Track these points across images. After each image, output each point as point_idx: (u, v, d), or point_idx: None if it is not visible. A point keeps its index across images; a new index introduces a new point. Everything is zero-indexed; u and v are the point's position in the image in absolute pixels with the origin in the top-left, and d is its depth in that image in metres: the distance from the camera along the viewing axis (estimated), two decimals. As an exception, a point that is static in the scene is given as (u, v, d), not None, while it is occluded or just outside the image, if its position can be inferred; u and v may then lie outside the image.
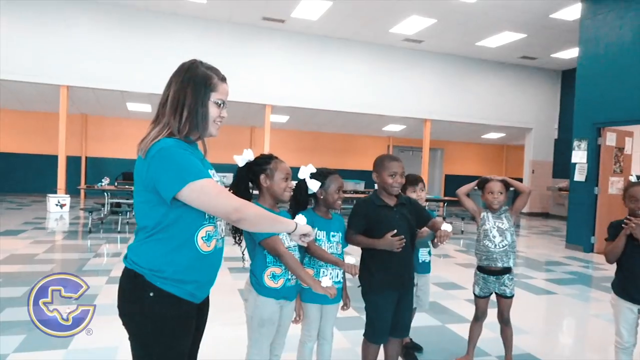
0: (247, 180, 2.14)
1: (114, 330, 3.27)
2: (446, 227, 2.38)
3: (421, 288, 3.22)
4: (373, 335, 2.52)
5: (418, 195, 3.18)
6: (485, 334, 3.20)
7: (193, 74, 1.54)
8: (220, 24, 11.03)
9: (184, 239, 1.48)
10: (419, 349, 3.31)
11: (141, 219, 1.51)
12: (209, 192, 1.42)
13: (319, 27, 11.17)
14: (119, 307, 1.52)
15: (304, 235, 1.70)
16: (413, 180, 3.24)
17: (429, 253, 3.28)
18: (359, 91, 12.20)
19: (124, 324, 1.52)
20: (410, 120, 13.29)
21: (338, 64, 12.03)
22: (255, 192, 2.20)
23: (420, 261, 3.19)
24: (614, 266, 2.73)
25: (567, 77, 13.92)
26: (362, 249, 2.55)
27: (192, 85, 1.52)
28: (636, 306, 2.60)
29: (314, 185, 2.32)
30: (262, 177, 2.11)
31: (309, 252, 2.30)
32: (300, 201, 2.34)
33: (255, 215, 1.49)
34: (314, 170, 2.40)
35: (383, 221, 2.42)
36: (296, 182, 2.37)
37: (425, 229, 2.85)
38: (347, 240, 2.47)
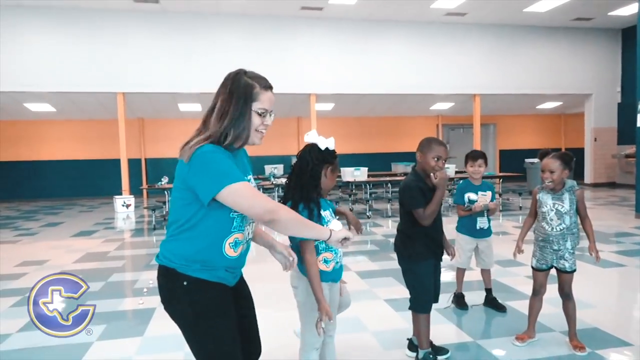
0: (307, 169, 2.09)
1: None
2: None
3: (484, 250, 3.64)
4: (422, 306, 2.59)
5: (475, 170, 3.59)
6: (547, 309, 3.13)
7: (236, 84, 1.57)
8: (260, 18, 11.18)
9: (211, 241, 1.56)
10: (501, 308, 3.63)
11: (174, 213, 1.59)
12: (245, 194, 1.48)
13: (357, 11, 11.05)
14: (163, 302, 1.63)
15: (344, 239, 1.71)
16: (474, 156, 3.63)
17: (488, 220, 3.62)
18: (402, 72, 11.99)
19: (170, 316, 1.63)
20: (458, 96, 12.90)
21: (380, 46, 11.86)
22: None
23: (478, 228, 3.58)
24: None
25: (629, 35, 12.91)
26: (401, 222, 2.69)
27: (235, 96, 1.55)
28: None
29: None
30: (329, 168, 2.14)
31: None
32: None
33: (288, 219, 1.53)
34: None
35: (427, 196, 2.56)
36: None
37: (478, 204, 3.47)
38: (422, 219, 2.50)
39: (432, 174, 2.49)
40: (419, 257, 2.59)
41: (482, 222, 3.59)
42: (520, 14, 11.62)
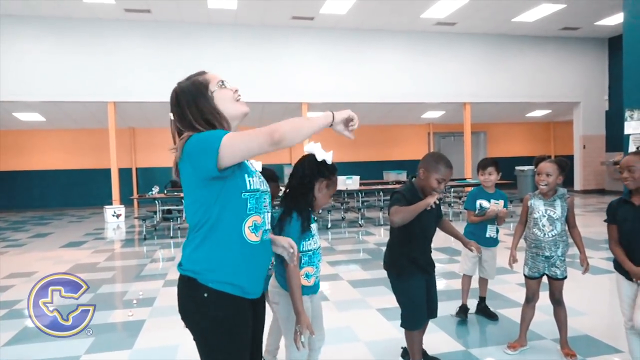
0: (303, 180, 2.05)
1: (173, 330, 3.47)
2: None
3: (487, 260, 3.60)
4: (414, 323, 2.53)
5: (486, 178, 3.61)
6: (539, 316, 3.13)
7: (180, 95, 1.61)
8: (252, 27, 11.22)
9: (231, 229, 1.53)
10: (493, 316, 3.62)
11: (191, 218, 1.57)
12: (240, 139, 1.44)
13: (348, 21, 11.14)
14: (180, 312, 1.60)
15: (350, 121, 1.69)
16: (483, 165, 3.69)
17: (497, 230, 3.61)
18: (394, 80, 12.08)
19: (186, 326, 1.59)
20: (449, 105, 13.01)
21: (371, 56, 11.95)
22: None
23: (487, 236, 3.56)
24: None
25: (615, 44, 13.15)
26: (390, 238, 2.61)
27: (188, 100, 1.59)
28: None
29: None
30: (324, 182, 2.07)
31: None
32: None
33: (292, 128, 1.44)
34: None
35: (420, 216, 2.34)
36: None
37: (492, 209, 3.44)
38: (391, 214, 2.35)
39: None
40: (407, 274, 2.51)
41: (491, 231, 3.57)
42: (509, 24, 11.78)
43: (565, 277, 2.87)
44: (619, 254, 2.53)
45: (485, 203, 3.53)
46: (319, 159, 1.96)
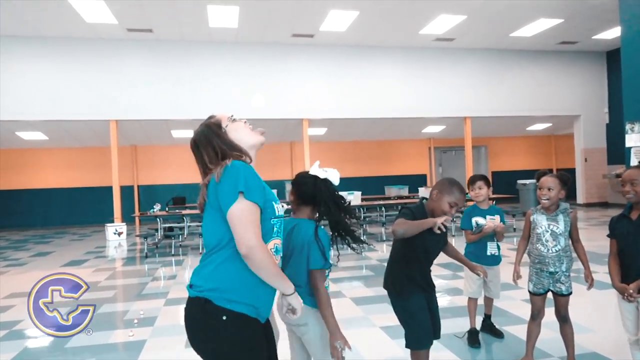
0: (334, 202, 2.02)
1: (174, 350, 3.42)
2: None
3: (491, 280, 3.49)
4: (419, 342, 2.46)
5: (476, 193, 3.55)
6: (545, 333, 3.09)
7: (199, 139, 1.71)
8: (252, 45, 11.34)
9: None
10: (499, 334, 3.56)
11: (209, 239, 1.58)
12: (246, 217, 1.48)
13: (348, 37, 11.25)
14: (191, 339, 1.56)
15: (291, 309, 1.68)
16: (472, 181, 3.63)
17: (498, 247, 3.52)
18: (394, 96, 12.14)
19: (199, 353, 1.56)
20: (450, 119, 13.05)
21: (371, 71, 12.04)
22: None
23: (488, 254, 3.47)
24: None
25: (613, 57, 13.22)
26: (391, 256, 2.58)
27: (206, 140, 1.68)
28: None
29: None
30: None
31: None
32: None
33: (260, 261, 1.48)
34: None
35: (425, 237, 2.31)
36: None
37: (489, 225, 3.35)
38: (395, 225, 2.31)
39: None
40: (407, 292, 2.46)
41: (492, 248, 3.48)
42: (507, 39, 11.88)
43: (571, 293, 2.83)
44: (610, 269, 2.56)
45: (481, 220, 3.46)
46: (322, 176, 2.03)
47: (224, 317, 1.49)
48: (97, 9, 8.92)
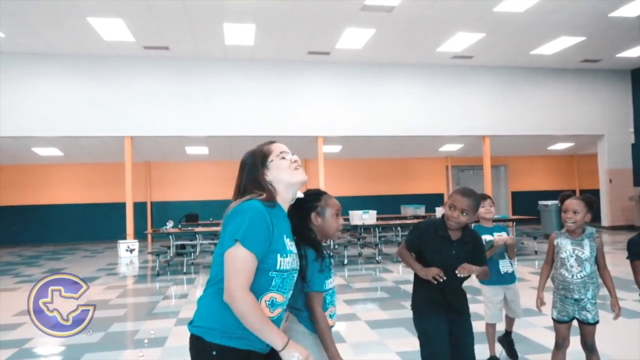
0: (298, 219, 1.93)
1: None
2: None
3: (512, 300, 3.35)
4: None
5: (487, 210, 3.42)
6: (574, 367, 2.81)
7: (246, 161, 1.74)
8: (268, 63, 11.34)
9: None
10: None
11: (212, 268, 1.60)
12: (237, 264, 1.47)
13: (364, 55, 11.17)
14: None
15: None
16: (482, 198, 3.39)
17: (511, 264, 3.38)
18: (411, 114, 11.97)
19: None
20: (468, 138, 12.80)
21: (387, 89, 11.91)
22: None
23: (502, 272, 3.32)
24: None
25: (638, 76, 12.89)
26: (414, 275, 2.45)
27: (251, 166, 1.71)
28: None
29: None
30: (313, 215, 1.97)
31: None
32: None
33: (240, 312, 1.45)
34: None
35: (437, 251, 2.31)
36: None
37: (500, 239, 3.23)
38: (397, 251, 2.38)
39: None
40: (424, 311, 2.36)
41: (505, 266, 3.33)
42: (527, 57, 11.66)
43: (597, 322, 2.65)
44: None
45: (488, 237, 3.32)
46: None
47: (214, 353, 1.50)
48: (115, 27, 9.03)
